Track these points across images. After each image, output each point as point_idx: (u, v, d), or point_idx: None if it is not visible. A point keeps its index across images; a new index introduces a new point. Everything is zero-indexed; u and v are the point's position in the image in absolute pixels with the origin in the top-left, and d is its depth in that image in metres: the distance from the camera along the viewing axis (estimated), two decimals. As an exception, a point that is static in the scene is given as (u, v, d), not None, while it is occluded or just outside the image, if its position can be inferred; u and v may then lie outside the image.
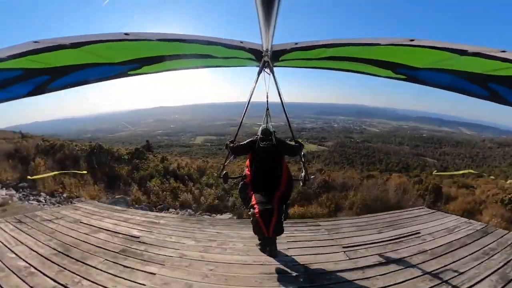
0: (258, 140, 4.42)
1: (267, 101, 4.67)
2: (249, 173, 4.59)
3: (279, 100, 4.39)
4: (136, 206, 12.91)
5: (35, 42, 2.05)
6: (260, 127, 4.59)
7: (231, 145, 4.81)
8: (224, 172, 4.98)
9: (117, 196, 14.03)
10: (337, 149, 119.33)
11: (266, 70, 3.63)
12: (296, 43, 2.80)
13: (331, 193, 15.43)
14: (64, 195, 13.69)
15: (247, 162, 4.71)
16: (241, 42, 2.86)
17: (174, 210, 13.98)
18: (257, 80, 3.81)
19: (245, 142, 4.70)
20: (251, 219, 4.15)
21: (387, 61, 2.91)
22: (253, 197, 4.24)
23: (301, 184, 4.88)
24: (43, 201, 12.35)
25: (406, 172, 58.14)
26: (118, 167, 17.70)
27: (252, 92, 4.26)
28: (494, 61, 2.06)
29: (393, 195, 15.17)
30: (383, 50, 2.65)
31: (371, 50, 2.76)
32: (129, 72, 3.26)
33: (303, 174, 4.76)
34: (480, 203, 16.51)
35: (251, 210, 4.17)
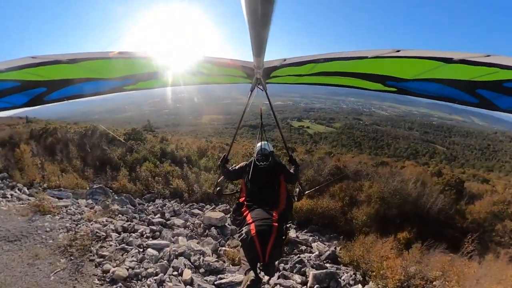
0: (254, 160, 4.16)
1: (261, 116, 4.62)
2: (244, 192, 4.15)
3: (272, 110, 4.31)
4: (116, 197, 11.55)
5: (33, 57, 2.10)
6: (257, 146, 4.40)
7: (225, 169, 4.57)
8: (218, 188, 4.82)
9: (95, 186, 12.45)
10: (345, 131, 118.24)
11: (259, 87, 3.54)
12: (285, 59, 2.79)
13: (344, 182, 14.13)
14: (45, 185, 12.43)
15: (242, 184, 4.33)
16: (231, 60, 2.88)
17: (162, 200, 12.66)
18: (250, 97, 3.74)
19: (238, 166, 4.44)
20: (242, 239, 3.51)
21: (376, 74, 2.91)
22: (248, 215, 3.70)
23: (296, 199, 4.67)
24: (10, 196, 10.55)
25: (415, 159, 57.56)
26: (110, 150, 16.41)
27: (245, 109, 4.19)
28: (480, 67, 2.07)
29: (412, 188, 13.98)
30: (371, 63, 2.63)
31: (359, 63, 2.75)
32: (124, 87, 3.31)
33: (297, 190, 4.64)
34: (508, 203, 14.87)
35: (244, 229, 3.54)
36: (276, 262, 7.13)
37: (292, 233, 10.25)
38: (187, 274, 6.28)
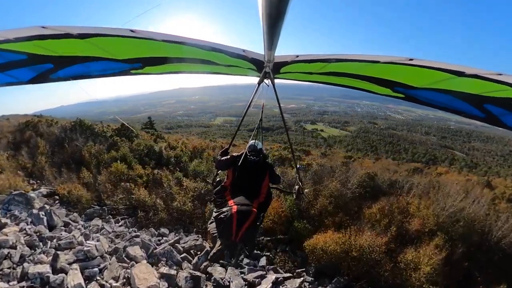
0: (246, 153, 4.38)
1: (262, 111, 4.74)
2: (230, 178, 4.41)
3: (279, 106, 4.33)
4: (34, 211, 9.55)
5: (43, 27, 2.01)
6: (249, 142, 4.63)
7: (219, 157, 4.71)
8: (218, 179, 4.99)
9: (14, 192, 10.60)
10: (360, 135, 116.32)
11: (266, 81, 3.55)
12: (297, 56, 2.79)
13: (381, 200, 10.98)
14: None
15: (230, 170, 4.56)
16: (244, 50, 2.82)
17: (109, 218, 10.25)
18: (256, 90, 3.76)
19: (230, 155, 4.62)
20: (221, 217, 3.64)
21: (386, 79, 2.93)
22: (230, 200, 3.94)
23: (295, 197, 4.85)
24: None
25: (434, 164, 55.06)
26: (86, 147, 14.62)
27: (250, 102, 4.17)
28: (490, 83, 2.09)
29: (476, 209, 10.53)
30: (382, 68, 2.66)
31: (371, 67, 2.75)
32: (131, 71, 3.26)
33: (297, 187, 4.75)
34: None
35: (225, 208, 3.72)
36: None
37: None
38: None
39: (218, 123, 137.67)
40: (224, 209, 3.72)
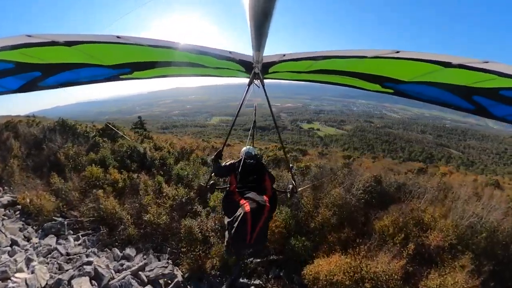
0: (243, 159, 4.51)
1: (255, 113, 4.87)
2: (234, 182, 4.46)
3: (270, 106, 4.35)
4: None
5: (29, 36, 2.01)
6: (243, 149, 4.75)
7: (217, 164, 4.71)
8: (212, 181, 5.04)
9: None
10: (357, 134, 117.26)
11: (255, 82, 3.55)
12: (284, 55, 2.76)
13: (391, 208, 9.63)
14: None
15: (231, 176, 4.63)
16: (230, 52, 2.81)
17: (61, 237, 8.97)
18: (246, 92, 3.74)
19: (229, 163, 4.67)
20: (235, 221, 3.63)
21: (374, 75, 2.91)
22: (242, 200, 3.86)
23: (289, 196, 4.97)
24: None
25: (431, 163, 55.12)
26: (63, 148, 13.39)
27: (242, 103, 4.16)
28: (477, 73, 2.07)
29: (498, 217, 9.20)
30: (370, 63, 2.63)
31: (358, 63, 2.74)
32: (120, 76, 3.27)
33: (291, 186, 4.88)
34: None
35: (239, 211, 3.68)
36: None
37: None
38: None
39: (214, 122, 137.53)
40: (237, 213, 3.71)
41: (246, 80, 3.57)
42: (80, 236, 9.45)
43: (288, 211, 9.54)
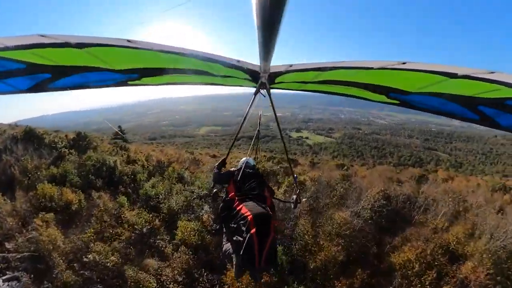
0: (243, 168, 4.46)
1: (259, 123, 4.92)
2: (233, 190, 4.28)
3: (275, 116, 4.34)
4: None
5: (42, 36, 2.01)
6: (242, 160, 4.72)
7: (218, 171, 4.74)
8: (215, 190, 5.00)
9: None
10: (345, 141, 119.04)
11: (261, 92, 3.57)
12: (291, 65, 2.78)
13: (408, 231, 8.08)
14: None
15: (230, 185, 4.50)
16: (238, 61, 2.78)
17: None
18: (252, 101, 3.78)
19: (228, 171, 4.65)
20: (239, 241, 3.37)
21: (380, 85, 2.91)
22: (243, 207, 3.65)
23: (292, 206, 4.93)
24: None
25: (420, 167, 55.81)
26: (20, 162, 11.68)
27: (247, 113, 4.19)
28: (483, 83, 2.07)
29: None
30: (376, 74, 2.64)
31: (365, 74, 2.72)
32: (128, 82, 3.25)
33: (294, 196, 4.83)
34: None
35: (242, 222, 3.45)
36: None
37: None
38: None
39: (203, 132, 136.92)
40: (241, 223, 3.47)
41: (235, 91, 3.49)
42: (1, 282, 6.66)
43: (280, 249, 7.42)
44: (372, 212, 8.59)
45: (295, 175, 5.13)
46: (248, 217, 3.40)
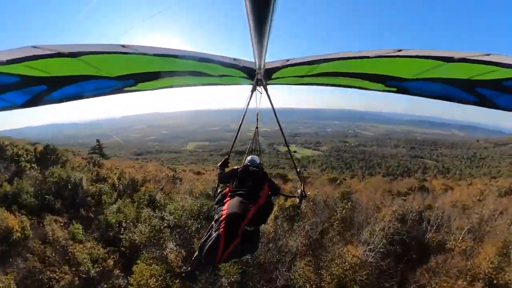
0: (246, 165, 4.61)
1: (257, 120, 5.01)
2: (230, 186, 4.46)
3: (274, 110, 4.51)
4: None
5: (34, 47, 2.02)
6: (248, 158, 4.89)
7: (221, 171, 4.83)
8: (220, 190, 4.95)
9: None
10: (333, 154, 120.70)
11: (258, 88, 3.61)
12: (288, 60, 2.82)
13: (433, 260, 6.88)
14: None
15: (231, 181, 4.63)
16: (235, 59, 2.87)
17: None
18: (250, 98, 3.81)
19: (232, 169, 4.72)
20: (209, 237, 3.54)
21: (377, 74, 2.93)
22: (226, 204, 3.90)
23: (298, 201, 4.97)
24: None
25: (408, 176, 56.19)
26: None
27: (245, 110, 4.27)
28: (479, 65, 2.10)
29: None
30: (372, 63, 2.65)
31: (361, 63, 2.76)
32: (125, 89, 3.25)
33: (299, 191, 4.92)
34: None
35: (220, 219, 3.57)
36: None
37: None
38: None
39: (190, 148, 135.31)
40: (217, 225, 3.58)
41: (225, 107, 3.27)
42: None
43: None
44: (386, 240, 6.95)
45: (297, 169, 5.27)
46: (223, 215, 3.57)
